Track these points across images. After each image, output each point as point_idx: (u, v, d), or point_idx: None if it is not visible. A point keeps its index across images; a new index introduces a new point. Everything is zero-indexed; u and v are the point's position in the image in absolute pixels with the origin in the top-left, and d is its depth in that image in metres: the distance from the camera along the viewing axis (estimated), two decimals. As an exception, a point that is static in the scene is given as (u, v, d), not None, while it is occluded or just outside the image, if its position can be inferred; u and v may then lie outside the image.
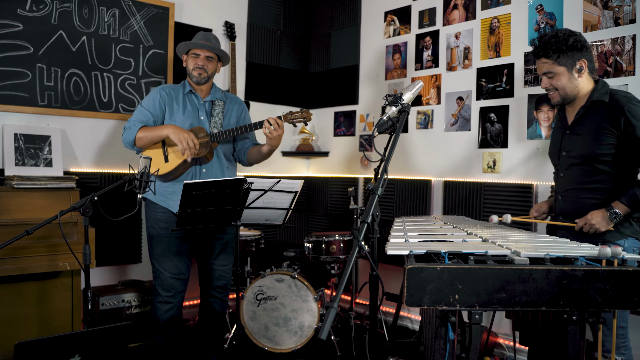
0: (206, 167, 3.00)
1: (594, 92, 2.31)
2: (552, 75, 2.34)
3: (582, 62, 2.30)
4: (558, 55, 2.29)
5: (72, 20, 3.56)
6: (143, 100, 3.03)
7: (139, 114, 2.95)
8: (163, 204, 2.95)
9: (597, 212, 2.25)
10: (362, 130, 4.59)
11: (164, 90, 3.02)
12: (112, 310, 3.38)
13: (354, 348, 3.49)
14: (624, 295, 1.58)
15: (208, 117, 3.02)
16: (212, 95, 3.08)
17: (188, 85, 3.06)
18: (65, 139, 3.55)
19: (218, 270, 3.11)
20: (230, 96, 3.21)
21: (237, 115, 3.16)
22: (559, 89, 2.36)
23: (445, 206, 3.86)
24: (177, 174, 2.94)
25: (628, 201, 2.20)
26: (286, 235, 4.96)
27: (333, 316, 1.33)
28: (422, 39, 4.06)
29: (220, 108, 3.05)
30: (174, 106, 2.99)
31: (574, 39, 2.27)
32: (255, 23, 4.66)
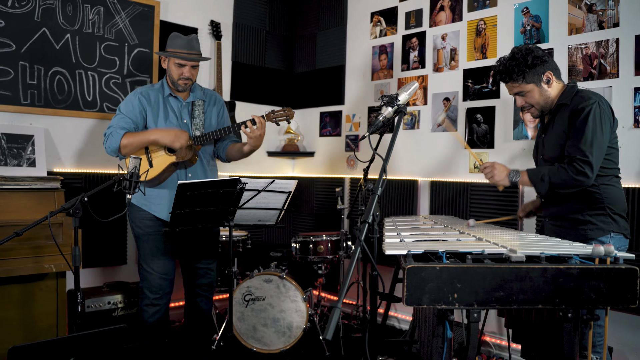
0: (191, 171, 2.97)
1: (561, 96, 2.38)
2: (524, 94, 2.41)
3: (547, 74, 2.36)
4: (523, 76, 2.36)
5: (56, 17, 3.49)
6: (121, 105, 2.92)
7: (119, 120, 2.85)
8: (146, 208, 2.90)
9: (503, 167, 2.41)
10: (348, 130, 4.60)
11: (142, 95, 2.92)
12: (98, 313, 3.33)
13: (343, 348, 3.50)
14: (617, 292, 1.62)
15: (190, 119, 2.99)
16: (192, 95, 3.01)
17: (168, 88, 2.97)
18: (48, 139, 3.48)
19: (204, 268, 3.08)
20: (208, 93, 3.14)
21: (217, 114, 3.12)
22: (534, 105, 2.43)
23: (432, 206, 3.90)
24: (162, 179, 2.90)
25: (531, 171, 2.32)
26: (272, 236, 4.94)
27: (337, 316, 1.33)
28: (408, 40, 4.09)
29: (200, 109, 3.01)
30: (154, 111, 2.91)
31: (532, 56, 2.34)
32: (240, 22, 4.64)
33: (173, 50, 2.89)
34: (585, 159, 2.20)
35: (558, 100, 2.38)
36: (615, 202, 2.31)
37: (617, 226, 2.33)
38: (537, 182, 2.30)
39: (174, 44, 2.91)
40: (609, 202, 2.30)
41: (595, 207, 2.31)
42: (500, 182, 2.39)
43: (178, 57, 2.87)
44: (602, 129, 2.23)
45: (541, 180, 2.28)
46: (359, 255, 1.47)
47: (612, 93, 2.95)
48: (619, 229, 2.32)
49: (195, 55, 2.93)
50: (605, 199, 2.30)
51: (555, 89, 2.40)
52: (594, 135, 2.21)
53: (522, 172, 2.36)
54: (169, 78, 2.97)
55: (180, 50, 2.89)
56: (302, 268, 4.34)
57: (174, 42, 2.91)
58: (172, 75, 2.92)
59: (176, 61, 2.88)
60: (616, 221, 2.32)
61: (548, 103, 2.41)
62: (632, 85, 2.91)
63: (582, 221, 2.32)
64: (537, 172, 2.31)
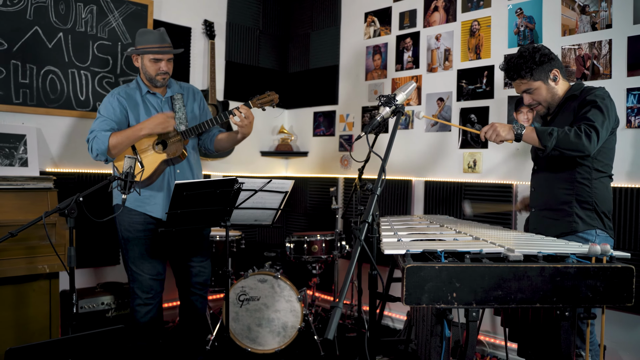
0: (179, 167, 2.95)
1: (569, 91, 2.42)
2: (531, 91, 2.44)
3: (554, 71, 2.40)
4: (531, 73, 2.39)
5: (48, 16, 3.46)
6: (100, 108, 2.85)
7: (101, 123, 2.80)
8: (140, 209, 2.88)
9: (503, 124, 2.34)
10: (342, 130, 4.61)
11: (121, 95, 2.88)
12: (91, 314, 3.31)
13: (337, 347, 3.50)
14: (613, 291, 1.63)
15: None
16: (170, 90, 2.99)
17: (144, 86, 2.93)
18: (41, 138, 3.45)
19: (197, 267, 3.07)
20: (185, 86, 3.11)
21: (198, 106, 3.10)
22: (541, 102, 2.46)
23: (426, 206, 3.91)
24: (154, 179, 2.88)
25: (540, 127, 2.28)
26: (265, 236, 4.93)
27: (339, 316, 1.33)
28: (402, 40, 4.10)
29: (180, 102, 2.97)
30: (135, 110, 2.88)
31: (540, 54, 2.37)
32: (234, 22, 4.63)
33: (146, 47, 2.84)
34: (592, 124, 2.19)
35: (566, 95, 2.41)
36: (602, 200, 2.36)
37: (603, 224, 2.37)
38: (544, 135, 2.22)
39: (144, 40, 2.86)
40: (597, 199, 2.35)
41: (583, 201, 2.35)
42: (506, 137, 2.30)
43: (154, 53, 2.83)
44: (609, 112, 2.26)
45: (549, 135, 2.21)
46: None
47: (605, 94, 2.98)
48: (604, 227, 2.37)
49: (169, 48, 2.89)
50: (594, 195, 2.34)
51: (562, 86, 2.43)
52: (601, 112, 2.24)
53: (527, 126, 2.30)
54: (144, 75, 2.92)
55: (153, 45, 2.84)
56: (296, 268, 4.34)
57: (145, 39, 2.86)
58: (149, 71, 2.87)
59: (151, 57, 2.84)
60: (602, 219, 2.37)
61: (555, 100, 2.44)
62: (624, 86, 2.94)
63: (569, 213, 2.36)
64: (546, 128, 2.25)
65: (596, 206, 2.34)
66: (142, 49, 2.86)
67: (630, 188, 2.92)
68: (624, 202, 2.92)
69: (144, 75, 2.92)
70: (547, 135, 2.21)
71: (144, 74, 2.91)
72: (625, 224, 2.93)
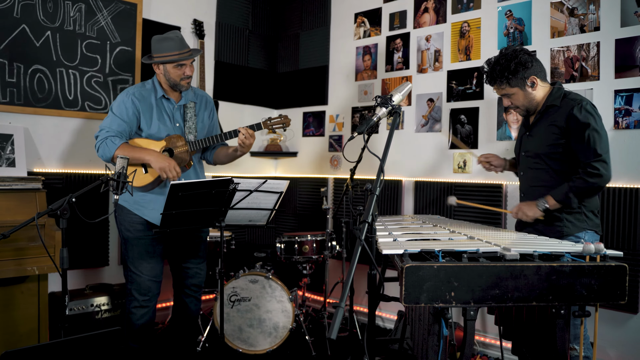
0: (185, 177, 2.93)
1: (549, 97, 2.45)
2: (509, 96, 2.49)
3: (532, 78, 2.43)
4: (507, 81, 2.43)
5: (36, 14, 3.41)
6: (113, 106, 2.83)
7: (113, 122, 2.78)
8: (138, 212, 2.85)
9: (526, 203, 2.45)
10: (331, 130, 4.61)
11: (135, 96, 2.85)
12: (81, 316, 3.27)
13: (329, 347, 3.51)
14: (607, 289, 1.66)
15: (182, 122, 2.95)
16: (184, 98, 2.97)
17: (160, 89, 2.91)
18: (28, 138, 3.40)
19: (193, 268, 3.06)
20: (199, 93, 3.10)
21: (208, 116, 3.10)
22: (519, 106, 2.51)
23: (416, 206, 3.93)
24: (156, 184, 2.86)
25: (555, 193, 2.36)
26: (255, 236, 4.92)
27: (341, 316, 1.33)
28: (392, 41, 4.12)
29: (192, 111, 2.97)
30: (148, 113, 2.86)
31: (515, 62, 2.39)
32: (223, 22, 4.61)
33: (169, 54, 2.82)
34: (597, 159, 2.28)
35: (546, 101, 2.45)
36: (590, 201, 2.40)
37: (590, 223, 2.42)
38: (565, 201, 2.34)
39: (163, 47, 2.82)
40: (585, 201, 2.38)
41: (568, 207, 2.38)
42: (535, 216, 2.41)
43: (178, 61, 2.81)
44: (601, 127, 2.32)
45: (567, 198, 2.33)
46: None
47: (593, 95, 3.03)
48: (591, 226, 2.42)
49: (191, 52, 2.89)
50: None
51: (541, 91, 2.46)
52: (596, 132, 2.29)
53: (547, 198, 2.38)
54: (167, 82, 2.88)
55: (175, 52, 2.82)
56: (287, 268, 4.33)
57: (164, 46, 2.83)
58: (173, 78, 2.85)
59: (175, 63, 2.83)
60: (590, 218, 2.42)
61: (533, 105, 2.48)
62: (612, 88, 2.99)
63: (559, 218, 2.40)
64: (560, 192, 2.34)
65: (584, 208, 2.39)
66: (164, 57, 2.81)
67: (619, 188, 2.97)
68: (613, 202, 2.97)
69: (167, 81, 2.88)
70: (567, 199, 2.33)
71: (167, 80, 2.88)
72: (614, 223, 2.98)
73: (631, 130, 2.94)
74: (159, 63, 2.85)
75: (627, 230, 2.94)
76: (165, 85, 2.92)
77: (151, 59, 2.87)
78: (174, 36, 2.87)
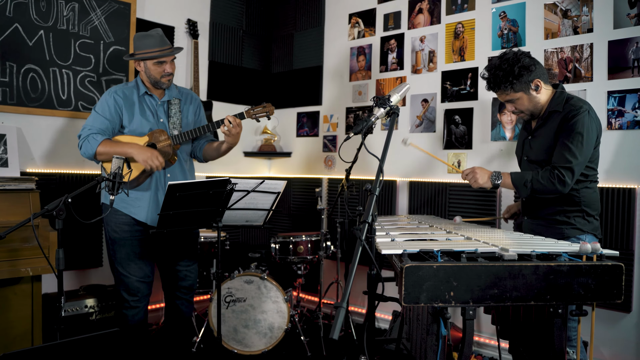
0: (170, 171, 2.93)
1: (552, 102, 2.43)
2: (514, 101, 2.45)
3: (536, 81, 2.39)
4: (512, 86, 2.38)
5: (29, 13, 3.39)
6: (97, 105, 2.84)
7: (95, 120, 2.78)
8: (125, 210, 2.84)
9: (484, 170, 2.46)
10: (325, 130, 4.62)
11: (118, 94, 2.85)
12: (75, 317, 3.24)
13: (324, 348, 3.51)
14: (604, 288, 1.68)
15: (166, 118, 2.94)
16: (168, 94, 2.96)
17: (143, 87, 2.90)
18: (21, 138, 3.37)
19: (184, 271, 3.04)
20: (184, 91, 3.10)
21: (194, 112, 3.09)
22: (524, 111, 2.47)
23: (410, 206, 3.95)
24: (141, 181, 2.84)
25: (515, 175, 2.39)
26: (249, 236, 4.91)
27: (343, 316, 1.34)
28: (387, 42, 4.13)
29: (177, 107, 2.96)
30: (130, 110, 2.85)
31: (519, 66, 2.35)
32: (217, 22, 4.60)
33: (149, 51, 2.82)
34: (568, 166, 2.27)
35: (549, 106, 2.42)
36: (591, 205, 2.41)
37: (590, 226, 2.42)
38: (520, 187, 2.36)
39: (145, 44, 2.83)
40: (586, 205, 2.39)
41: (573, 209, 2.39)
42: (483, 185, 2.43)
43: (157, 57, 2.81)
44: (589, 139, 2.30)
45: (524, 186, 2.34)
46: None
47: (587, 96, 3.06)
48: (591, 229, 2.42)
49: (171, 49, 2.88)
50: (583, 202, 2.38)
51: (545, 94, 2.43)
52: (580, 144, 2.28)
53: (504, 175, 2.40)
54: (148, 79, 2.89)
55: (155, 49, 2.82)
56: (281, 269, 4.33)
57: (145, 43, 2.83)
58: (154, 75, 2.86)
59: (155, 60, 2.83)
60: (590, 222, 2.42)
61: (537, 108, 2.45)
62: (605, 89, 3.01)
63: (560, 221, 2.40)
64: (521, 177, 2.36)
65: (585, 211, 2.39)
66: (144, 54, 2.82)
67: (612, 188, 3.00)
68: (607, 203, 3.00)
69: (148, 78, 2.88)
70: (522, 186, 2.35)
71: (148, 78, 2.88)
72: (608, 223, 3.01)
73: (624, 131, 2.97)
74: (140, 60, 2.84)
75: (621, 230, 2.97)
76: (147, 83, 2.91)
77: (133, 56, 2.87)
78: (155, 33, 2.87)
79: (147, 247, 2.90)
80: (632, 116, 2.93)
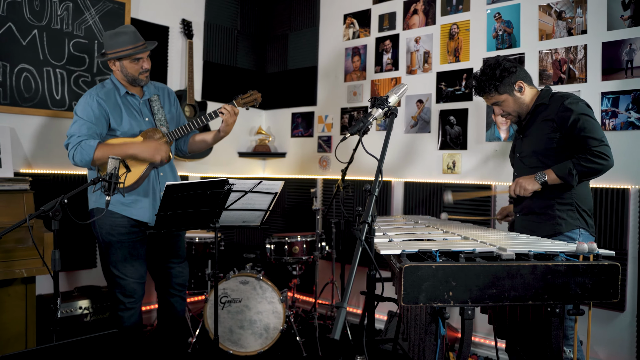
0: (162, 170, 2.92)
1: (537, 98, 2.50)
2: (500, 104, 2.53)
3: (519, 83, 2.48)
4: (496, 89, 2.48)
5: (22, 12, 3.36)
6: (77, 110, 2.74)
7: (82, 127, 2.70)
8: (125, 213, 2.80)
9: (525, 177, 2.45)
10: (320, 131, 4.62)
11: (99, 96, 2.77)
12: (69, 319, 3.22)
13: (320, 348, 3.51)
14: (600, 287, 1.69)
15: (151, 115, 2.92)
16: (147, 92, 2.95)
17: (122, 87, 2.86)
18: (15, 138, 3.35)
19: (176, 268, 3.05)
20: (159, 86, 3.07)
21: (174, 106, 3.09)
22: (511, 112, 2.55)
23: (405, 206, 3.96)
24: (140, 182, 2.83)
25: (557, 167, 2.38)
26: (243, 237, 4.90)
27: (344, 316, 1.34)
28: (382, 43, 4.14)
29: (158, 104, 2.94)
30: (116, 112, 2.80)
31: (500, 69, 2.45)
32: (212, 22, 4.59)
33: (122, 49, 2.77)
34: (600, 144, 2.29)
35: (535, 102, 2.49)
36: (583, 200, 2.43)
37: (585, 223, 2.44)
38: (567, 176, 2.34)
39: (118, 42, 2.77)
40: (577, 199, 2.42)
41: (565, 203, 2.42)
42: (533, 189, 2.42)
43: (133, 55, 2.76)
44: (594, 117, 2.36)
45: (569, 174, 2.33)
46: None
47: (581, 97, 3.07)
48: (586, 226, 2.44)
49: (145, 45, 2.83)
50: (574, 195, 2.41)
51: (529, 94, 2.51)
52: (589, 121, 2.33)
53: (547, 172, 2.39)
54: (125, 77, 2.84)
55: (129, 46, 2.77)
56: (276, 269, 4.32)
57: (118, 41, 2.77)
58: (131, 72, 2.81)
59: (131, 58, 2.79)
60: (583, 218, 2.44)
61: (523, 109, 2.53)
62: (599, 90, 3.04)
63: (552, 216, 2.43)
64: (563, 167, 2.35)
65: (577, 206, 2.42)
66: (118, 53, 2.77)
67: (605, 188, 3.02)
68: (601, 203, 3.02)
69: (125, 77, 2.84)
70: (568, 175, 2.33)
71: (125, 76, 2.84)
72: (602, 223, 3.03)
73: (618, 132, 2.99)
74: (115, 59, 2.80)
75: (615, 230, 2.99)
76: (124, 82, 2.87)
77: (105, 56, 2.83)
78: (128, 30, 2.83)
79: (142, 248, 2.89)
80: (626, 117, 2.96)
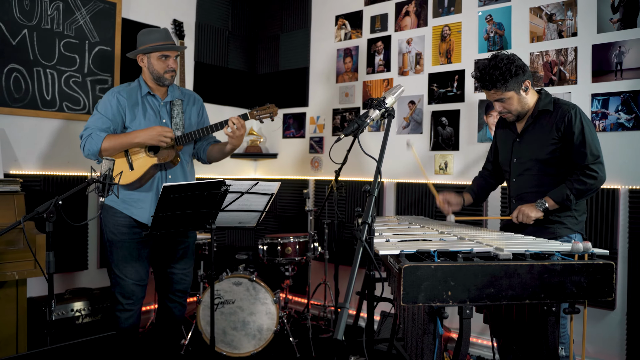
0: (171, 173, 2.90)
1: (539, 102, 2.50)
2: (504, 100, 2.50)
3: (527, 82, 2.47)
4: (505, 84, 2.44)
5: (12, 11, 3.32)
6: (99, 104, 2.82)
7: (97, 120, 2.75)
8: (126, 211, 2.80)
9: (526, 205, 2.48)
10: (312, 132, 4.62)
11: (121, 94, 2.83)
12: (61, 321, 3.19)
13: (313, 349, 3.51)
14: (595, 286, 1.72)
15: (169, 118, 2.92)
16: (170, 94, 2.95)
17: (145, 86, 2.89)
18: (4, 139, 3.31)
19: (179, 274, 3.02)
20: (187, 92, 3.09)
21: (197, 113, 3.07)
22: (512, 111, 2.52)
23: (397, 207, 3.98)
24: (143, 182, 2.82)
25: (554, 194, 2.42)
26: (235, 238, 4.89)
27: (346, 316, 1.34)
28: (373, 44, 4.16)
29: (179, 108, 2.94)
30: (134, 110, 2.83)
31: (515, 66, 2.43)
32: (203, 22, 4.57)
33: (154, 45, 2.82)
34: (595, 161, 2.35)
35: (537, 106, 2.49)
36: (579, 204, 2.46)
37: (579, 226, 2.48)
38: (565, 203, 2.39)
39: (149, 39, 2.83)
40: (575, 205, 2.44)
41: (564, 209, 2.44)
42: (537, 216, 2.43)
43: (162, 50, 2.81)
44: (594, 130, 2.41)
45: (567, 199, 2.38)
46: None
47: (571, 99, 3.12)
48: (579, 229, 2.48)
49: (175, 44, 2.89)
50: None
51: (532, 96, 2.51)
52: (591, 135, 2.38)
53: (546, 199, 2.42)
54: (151, 75, 2.87)
55: (160, 42, 2.83)
56: (269, 270, 4.32)
57: (150, 37, 2.84)
58: (157, 70, 2.84)
59: (159, 55, 2.82)
60: (579, 222, 2.48)
61: (525, 109, 2.51)
62: (589, 92, 3.08)
63: (552, 221, 2.45)
64: (560, 193, 2.39)
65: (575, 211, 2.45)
66: (149, 47, 2.81)
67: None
68: (592, 203, 3.06)
69: (151, 75, 2.86)
70: (567, 200, 2.38)
71: (151, 74, 2.86)
72: (593, 223, 3.07)
73: (607, 133, 3.04)
74: (146, 52, 2.83)
75: (606, 230, 3.03)
76: (150, 82, 2.89)
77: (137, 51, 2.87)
78: (161, 29, 2.91)
79: (145, 250, 2.87)
80: (615, 118, 3.00)
